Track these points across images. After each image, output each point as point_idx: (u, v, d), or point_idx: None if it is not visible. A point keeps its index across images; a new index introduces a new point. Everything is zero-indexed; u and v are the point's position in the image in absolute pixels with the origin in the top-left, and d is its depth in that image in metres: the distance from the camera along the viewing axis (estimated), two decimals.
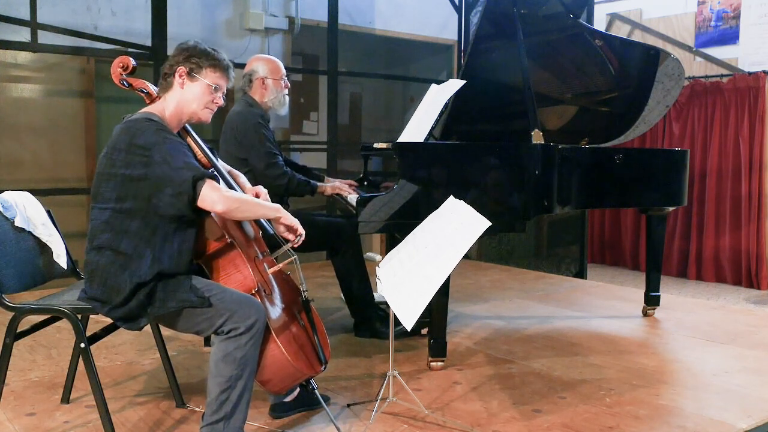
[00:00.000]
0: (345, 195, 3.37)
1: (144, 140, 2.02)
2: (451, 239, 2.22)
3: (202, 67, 2.17)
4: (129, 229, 2.06)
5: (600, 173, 3.48)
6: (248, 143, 3.22)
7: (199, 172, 2.04)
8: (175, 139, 2.11)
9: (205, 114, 2.22)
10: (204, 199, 2.03)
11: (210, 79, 2.18)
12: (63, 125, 5.38)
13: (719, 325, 3.89)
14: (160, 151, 2.02)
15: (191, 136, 2.31)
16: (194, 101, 2.18)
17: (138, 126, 2.06)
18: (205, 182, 2.04)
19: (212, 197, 2.04)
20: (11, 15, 4.69)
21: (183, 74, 2.17)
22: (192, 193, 2.01)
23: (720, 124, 6.63)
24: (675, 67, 3.81)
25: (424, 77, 7.01)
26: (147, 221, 2.06)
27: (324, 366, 2.37)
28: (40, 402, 2.62)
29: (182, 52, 2.19)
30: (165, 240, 2.08)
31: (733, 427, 2.46)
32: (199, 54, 2.18)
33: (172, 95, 2.18)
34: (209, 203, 2.04)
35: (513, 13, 3.51)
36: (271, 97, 3.35)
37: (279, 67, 3.38)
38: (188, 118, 2.22)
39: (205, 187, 2.03)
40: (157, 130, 2.06)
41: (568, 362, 3.17)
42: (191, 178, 2.01)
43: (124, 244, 2.05)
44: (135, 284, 2.03)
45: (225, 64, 2.23)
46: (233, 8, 6.15)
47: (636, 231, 7.30)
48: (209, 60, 2.18)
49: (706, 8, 6.84)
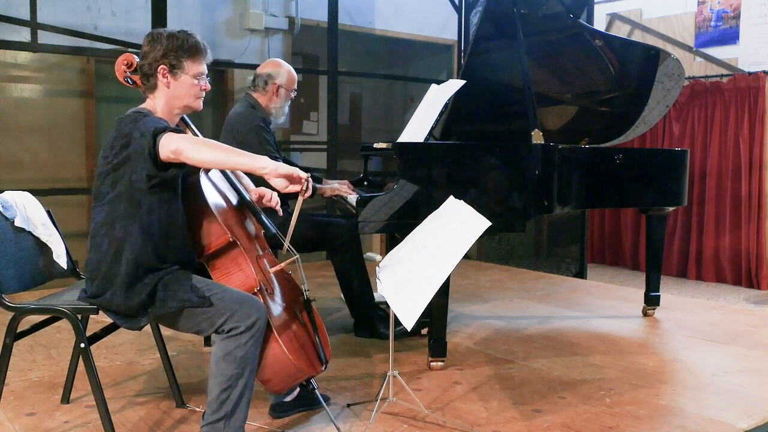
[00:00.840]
0: (345, 196, 3.37)
1: (128, 128, 2.03)
2: (451, 239, 2.22)
3: (182, 59, 2.13)
4: (119, 213, 2.05)
5: (600, 173, 3.48)
6: (248, 145, 3.21)
7: (160, 126, 1.99)
8: (155, 118, 2.09)
9: (197, 103, 2.21)
10: (162, 147, 1.95)
11: (192, 71, 2.15)
12: (63, 125, 5.38)
13: (719, 325, 3.89)
14: (137, 128, 2.01)
15: (192, 129, 2.32)
16: (184, 96, 2.17)
17: (125, 120, 2.07)
18: (165, 132, 1.97)
19: (167, 141, 1.94)
20: (11, 15, 4.69)
21: (165, 73, 2.13)
22: (152, 144, 1.95)
23: (720, 124, 6.63)
24: (675, 67, 3.81)
25: (424, 77, 7.02)
26: (132, 200, 2.05)
27: (325, 366, 2.37)
28: (40, 402, 2.62)
29: (156, 47, 2.12)
30: (150, 212, 2.06)
31: (733, 427, 2.46)
32: (175, 47, 2.12)
33: (159, 94, 2.16)
34: (165, 150, 1.94)
35: (513, 13, 3.51)
36: (277, 106, 3.38)
37: (295, 79, 3.43)
38: (181, 111, 2.23)
39: (164, 137, 1.96)
40: (139, 117, 2.06)
41: (568, 362, 3.17)
42: (152, 132, 1.96)
43: (116, 229, 2.05)
44: (132, 264, 2.03)
45: (201, 47, 2.17)
46: (233, 8, 6.15)
47: (636, 231, 7.30)
48: (186, 51, 2.13)
49: (706, 8, 6.84)
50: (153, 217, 2.07)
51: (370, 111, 8.43)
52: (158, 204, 2.07)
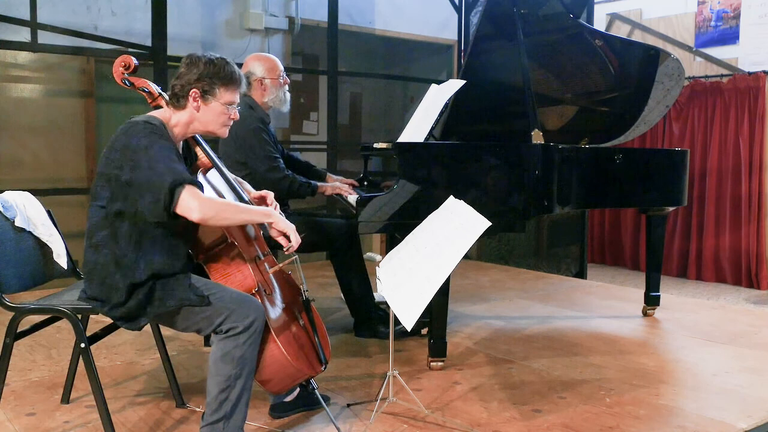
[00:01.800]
0: (345, 195, 3.37)
1: (135, 142, 2.00)
2: (451, 239, 2.22)
3: (215, 86, 2.12)
4: (120, 231, 2.05)
5: (600, 173, 3.48)
6: (248, 147, 3.20)
7: (179, 178, 1.97)
8: (165, 144, 2.05)
9: (222, 131, 2.20)
10: (181, 206, 1.97)
11: (224, 99, 2.14)
12: (63, 125, 5.38)
13: (719, 325, 3.89)
14: (146, 156, 1.98)
15: (199, 144, 2.30)
16: (210, 123, 2.16)
17: (135, 129, 2.04)
18: (184, 188, 1.97)
19: (189, 204, 1.97)
20: (11, 15, 4.68)
21: (197, 97, 2.11)
22: (169, 199, 1.96)
23: (720, 124, 6.63)
24: (675, 67, 3.81)
25: (424, 77, 7.01)
26: (135, 225, 2.05)
27: (324, 366, 2.37)
28: (40, 402, 2.62)
29: (192, 70, 2.11)
30: (153, 244, 2.07)
31: (733, 427, 2.46)
32: (211, 74, 2.11)
33: (185, 114, 2.14)
34: (185, 209, 1.97)
35: (513, 13, 3.51)
36: (271, 97, 3.32)
37: (276, 65, 3.34)
38: (200, 134, 2.23)
39: (183, 193, 1.97)
40: (150, 134, 2.03)
41: (568, 362, 3.17)
42: (169, 184, 1.95)
43: (117, 245, 2.05)
44: (131, 286, 2.04)
45: (237, 77, 2.16)
46: (233, 8, 6.15)
47: (636, 231, 7.29)
48: (221, 79, 2.12)
49: (706, 8, 6.84)
50: (156, 248, 2.08)
51: (370, 111, 8.42)
52: (162, 236, 2.09)
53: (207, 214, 2.00)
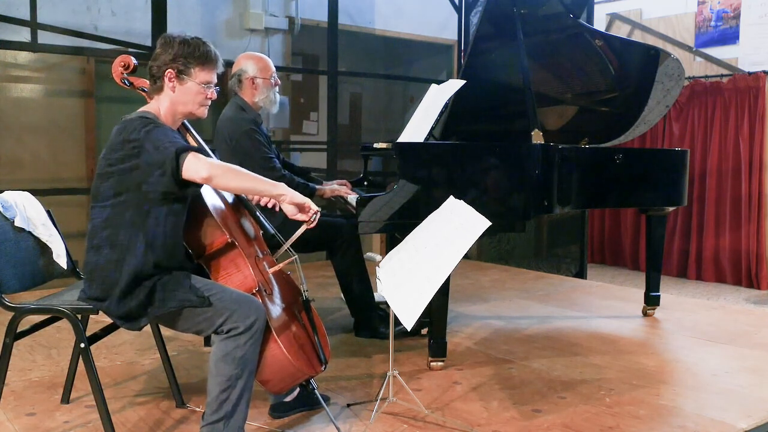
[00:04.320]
0: (344, 196, 3.36)
1: (135, 134, 2.03)
2: (451, 239, 2.22)
3: (191, 66, 2.13)
4: (124, 220, 2.06)
5: (600, 173, 3.48)
6: (242, 150, 3.18)
7: (182, 146, 2.01)
8: (165, 127, 2.10)
9: (201, 111, 2.21)
10: (187, 169, 1.99)
11: (200, 78, 2.15)
12: (63, 125, 5.38)
13: (719, 325, 3.89)
14: (149, 139, 2.01)
15: (192, 135, 2.32)
16: (188, 103, 2.17)
17: (132, 124, 2.07)
18: (189, 153, 2.01)
19: (195, 165, 2.00)
20: (11, 15, 4.69)
21: (172, 77, 2.13)
22: (175, 164, 1.98)
23: (720, 124, 6.63)
24: (675, 67, 3.81)
25: (424, 77, 7.01)
26: (139, 208, 2.05)
27: (324, 366, 2.37)
28: (40, 402, 2.62)
29: (167, 50, 2.13)
30: (156, 225, 2.07)
31: (733, 427, 2.46)
32: (185, 53, 2.12)
33: (164, 97, 2.16)
34: (193, 172, 2.00)
35: (513, 13, 3.51)
36: (262, 97, 3.29)
37: (268, 65, 3.32)
38: (184, 117, 2.23)
39: (188, 158, 2.00)
40: (147, 123, 2.06)
41: (568, 362, 3.17)
42: (174, 151, 1.99)
43: (119, 236, 2.06)
44: (132, 275, 2.03)
45: (212, 56, 2.17)
46: (233, 8, 6.15)
47: (636, 231, 7.29)
48: (197, 59, 2.14)
49: (706, 8, 6.84)
50: (158, 229, 2.07)
51: (370, 111, 8.42)
52: (165, 216, 2.08)
53: (215, 172, 2.01)
